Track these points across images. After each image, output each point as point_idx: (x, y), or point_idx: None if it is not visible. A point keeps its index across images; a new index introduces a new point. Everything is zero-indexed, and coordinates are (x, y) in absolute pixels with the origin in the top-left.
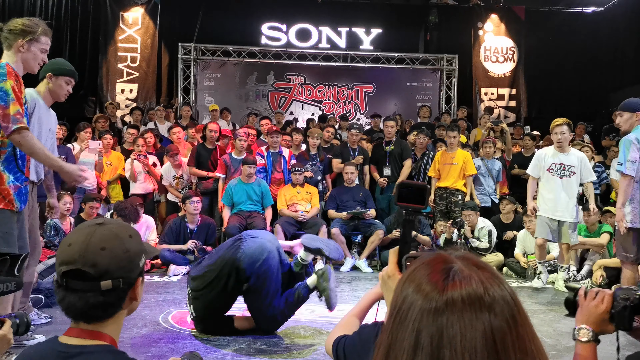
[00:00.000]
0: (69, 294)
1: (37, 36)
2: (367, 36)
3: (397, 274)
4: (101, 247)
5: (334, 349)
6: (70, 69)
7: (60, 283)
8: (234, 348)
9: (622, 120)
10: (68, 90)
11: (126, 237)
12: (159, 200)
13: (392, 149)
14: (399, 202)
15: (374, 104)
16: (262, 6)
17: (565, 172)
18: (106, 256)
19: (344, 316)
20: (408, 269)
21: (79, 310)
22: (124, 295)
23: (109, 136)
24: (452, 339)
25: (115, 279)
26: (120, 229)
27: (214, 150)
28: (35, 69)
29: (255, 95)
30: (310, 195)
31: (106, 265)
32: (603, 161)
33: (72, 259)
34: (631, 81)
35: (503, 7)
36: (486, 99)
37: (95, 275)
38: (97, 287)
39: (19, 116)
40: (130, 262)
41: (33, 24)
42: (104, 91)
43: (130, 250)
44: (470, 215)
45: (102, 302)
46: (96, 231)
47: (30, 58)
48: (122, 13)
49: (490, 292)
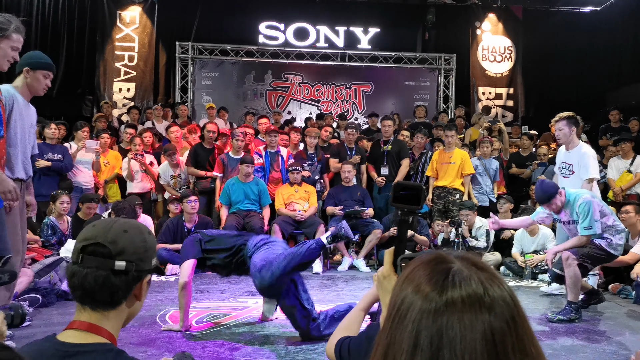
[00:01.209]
0: (82, 270)
1: (8, 33)
2: (364, 35)
3: (393, 275)
4: (124, 230)
5: (337, 351)
6: (47, 62)
7: (75, 260)
8: (231, 347)
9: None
10: (46, 83)
11: (146, 232)
12: (157, 199)
13: (390, 148)
14: (395, 203)
15: (372, 103)
16: (260, 5)
17: (567, 170)
18: (126, 238)
19: (344, 319)
20: (407, 269)
21: (87, 288)
22: (132, 284)
23: (106, 135)
24: (452, 340)
25: (129, 261)
26: (142, 225)
27: (212, 150)
28: (5, 66)
29: (252, 94)
30: (308, 194)
31: (124, 245)
32: (600, 160)
33: (94, 234)
34: (628, 80)
35: (501, 6)
36: (484, 98)
37: (112, 252)
38: (111, 265)
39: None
40: (145, 252)
41: (5, 21)
42: (101, 90)
43: (147, 242)
44: (468, 214)
45: (111, 282)
46: (120, 219)
47: (1, 56)
48: (119, 12)
49: (490, 293)
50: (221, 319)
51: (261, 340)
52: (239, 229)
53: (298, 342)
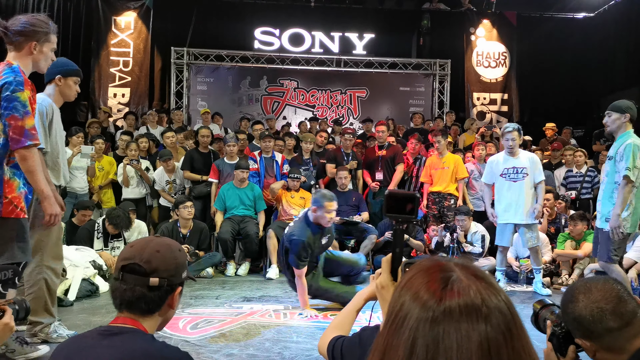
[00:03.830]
0: (122, 285)
1: (49, 36)
2: (360, 41)
3: (391, 284)
4: (156, 250)
5: (329, 350)
6: (77, 68)
7: (117, 276)
8: (226, 353)
9: (610, 120)
10: (77, 89)
11: (176, 250)
12: (152, 205)
13: (385, 153)
14: (388, 213)
15: (367, 108)
16: (255, 11)
17: (518, 174)
18: (159, 258)
19: (337, 316)
20: (405, 276)
21: (126, 299)
22: (165, 296)
23: (100, 141)
24: (448, 349)
25: (162, 278)
26: (173, 243)
27: (208, 154)
28: (45, 69)
29: (248, 100)
30: (304, 200)
31: (157, 264)
32: (595, 165)
33: (132, 255)
34: (622, 86)
35: (495, 12)
36: (478, 103)
37: (147, 271)
38: (146, 282)
39: (34, 132)
40: (176, 268)
41: (44, 24)
42: (96, 95)
43: (178, 259)
44: (464, 220)
45: (146, 296)
46: (154, 239)
47: (42, 59)
48: (114, 17)
49: (488, 303)
50: (216, 325)
51: (256, 346)
52: (234, 234)
53: (293, 348)
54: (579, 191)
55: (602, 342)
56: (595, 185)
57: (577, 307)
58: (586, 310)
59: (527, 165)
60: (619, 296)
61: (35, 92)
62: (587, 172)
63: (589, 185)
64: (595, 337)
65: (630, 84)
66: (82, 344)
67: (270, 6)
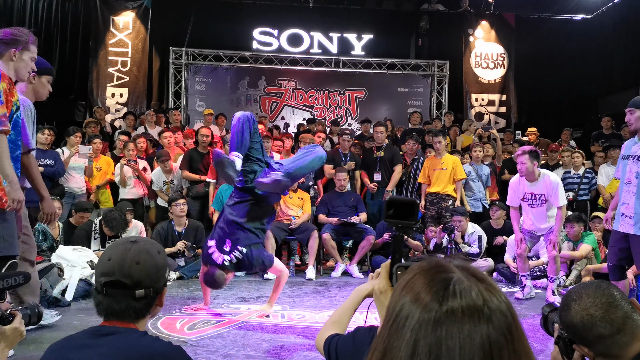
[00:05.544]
0: (107, 299)
1: (27, 45)
2: (358, 42)
3: (389, 290)
4: (136, 262)
5: (325, 347)
6: (51, 67)
7: (100, 290)
8: (223, 354)
9: (633, 118)
10: (49, 88)
11: (155, 253)
12: (149, 205)
13: (383, 154)
14: (388, 219)
15: (365, 109)
16: (254, 11)
17: (536, 200)
18: (139, 270)
19: (334, 312)
20: (405, 276)
21: (115, 311)
22: (152, 301)
23: (98, 141)
24: (451, 350)
25: (147, 288)
26: (151, 247)
27: (206, 155)
28: (26, 77)
29: (246, 100)
30: (302, 201)
31: (139, 277)
32: (592, 167)
33: (112, 271)
34: (620, 87)
35: (493, 13)
36: (477, 104)
37: (130, 285)
38: (132, 295)
39: (4, 119)
40: (158, 273)
41: (24, 35)
42: (94, 95)
43: (159, 264)
44: (460, 221)
45: (134, 306)
46: (131, 248)
47: (22, 67)
48: (112, 17)
49: (489, 304)
50: (213, 326)
51: (254, 347)
52: None
53: (291, 349)
54: (577, 193)
55: (597, 349)
56: (593, 187)
57: (569, 314)
58: (577, 318)
59: (545, 192)
60: (608, 302)
61: (13, 86)
62: (584, 174)
63: (587, 187)
64: (589, 344)
65: (628, 85)
66: (76, 343)
67: (268, 7)
